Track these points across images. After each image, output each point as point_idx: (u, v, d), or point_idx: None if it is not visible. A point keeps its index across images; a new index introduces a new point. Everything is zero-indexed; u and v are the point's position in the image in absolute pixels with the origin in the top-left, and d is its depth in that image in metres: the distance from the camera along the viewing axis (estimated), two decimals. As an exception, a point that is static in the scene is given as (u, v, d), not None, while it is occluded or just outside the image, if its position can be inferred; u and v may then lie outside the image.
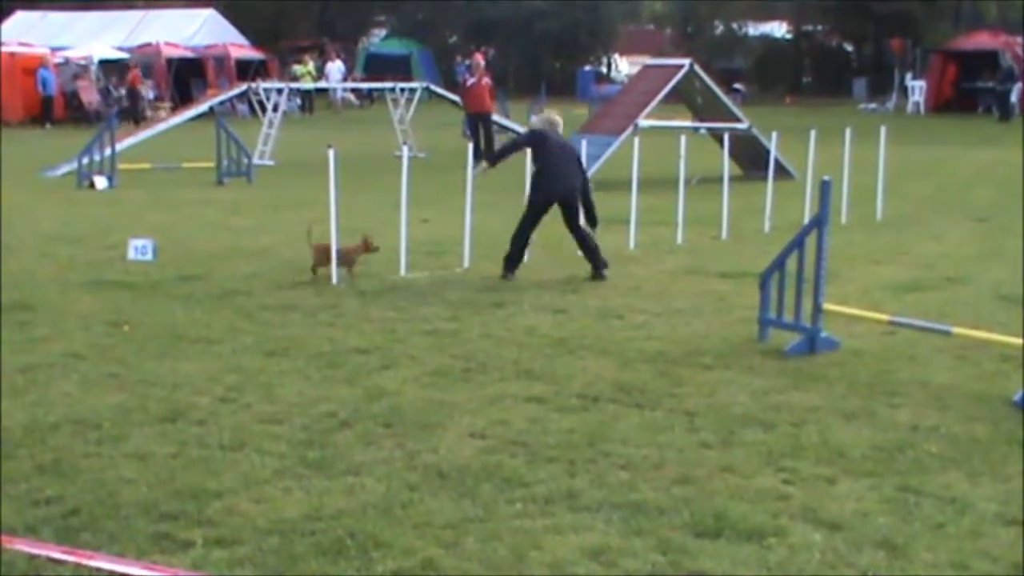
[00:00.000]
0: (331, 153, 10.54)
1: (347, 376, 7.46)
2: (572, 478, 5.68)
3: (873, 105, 43.48)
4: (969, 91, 42.30)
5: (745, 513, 5.23)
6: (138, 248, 11.69)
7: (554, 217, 10.99)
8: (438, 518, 5.16)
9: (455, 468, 5.77)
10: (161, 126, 24.68)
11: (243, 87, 28.48)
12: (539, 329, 8.82)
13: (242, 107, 36.78)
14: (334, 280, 10.43)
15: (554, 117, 11.70)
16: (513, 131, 26.02)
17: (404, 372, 7.56)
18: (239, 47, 45.01)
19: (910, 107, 41.82)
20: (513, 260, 10.98)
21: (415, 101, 25.92)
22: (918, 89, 42.34)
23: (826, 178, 8.18)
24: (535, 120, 12.23)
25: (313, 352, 8.04)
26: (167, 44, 42.30)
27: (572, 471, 5.77)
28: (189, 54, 42.57)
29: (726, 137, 15.03)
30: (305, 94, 40.88)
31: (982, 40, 43.68)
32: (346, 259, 10.62)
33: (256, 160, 21.56)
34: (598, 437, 6.26)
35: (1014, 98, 38.38)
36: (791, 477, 5.70)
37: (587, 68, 54.97)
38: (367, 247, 10.77)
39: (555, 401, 6.94)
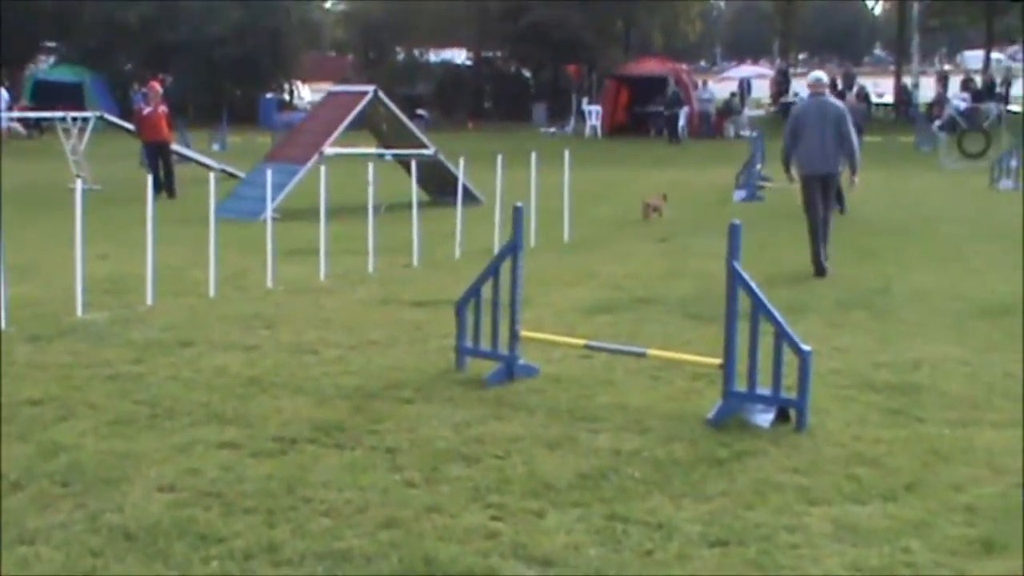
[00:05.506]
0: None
1: (19, 432, 6.82)
2: (272, 529, 5.35)
3: (553, 129, 44.65)
4: (641, 115, 44.05)
5: (455, 555, 5.05)
6: None
7: (236, 244, 10.58)
8: (126, 585, 4.74)
9: (143, 527, 5.34)
10: None
11: None
12: (229, 368, 8.40)
13: None
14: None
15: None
16: (195, 160, 25.24)
17: (83, 423, 7.00)
18: None
19: (588, 131, 43.13)
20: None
21: (88, 131, 24.71)
22: (594, 113, 43.74)
23: (518, 204, 8.16)
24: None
25: (-21, 406, 7.36)
26: None
27: (272, 521, 5.44)
28: None
29: (413, 164, 14.97)
30: (-34, 124, 38.44)
31: (651, 66, 45.65)
32: (648, 210, 17.35)
33: (-89, 195, 19.97)
34: (297, 482, 5.95)
35: (682, 122, 40.23)
36: (499, 513, 5.56)
37: (269, 95, 54.16)
38: (664, 197, 17.86)
39: (250, 445, 6.57)
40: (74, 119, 24.61)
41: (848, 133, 12.39)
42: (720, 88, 51.77)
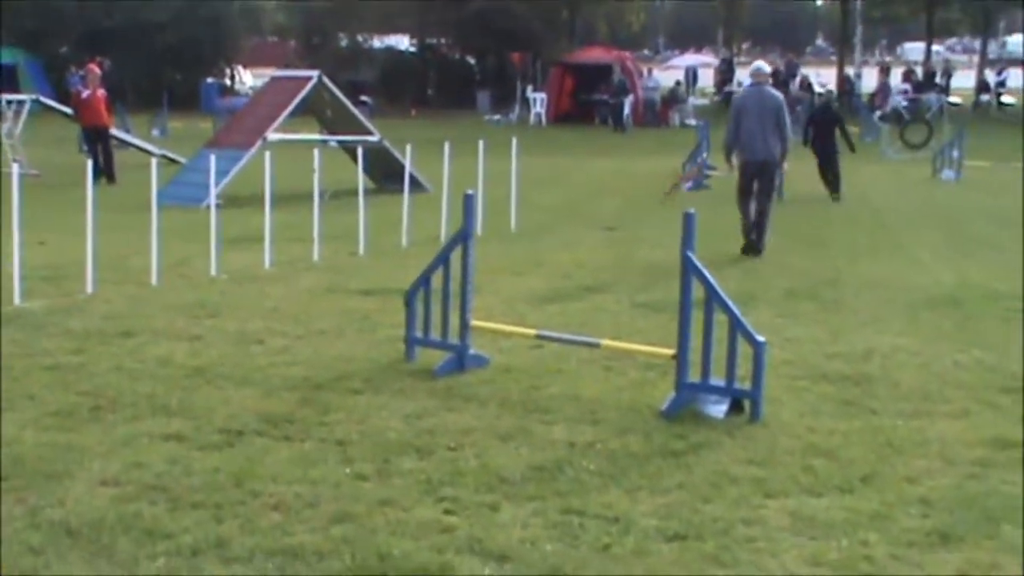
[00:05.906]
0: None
1: (-45, 423, 6.64)
2: (220, 524, 5.20)
3: (497, 116, 44.42)
4: (586, 103, 44.01)
5: (409, 550, 4.93)
6: None
7: (179, 231, 10.37)
8: (69, 584, 4.58)
9: (86, 523, 5.17)
10: None
11: None
12: (174, 359, 8.21)
13: None
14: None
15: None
16: (135, 146, 24.86)
17: (23, 415, 6.80)
18: None
19: (532, 119, 43.01)
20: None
21: (24, 114, 24.23)
22: (539, 101, 43.61)
23: (469, 191, 8.04)
24: None
25: (-86, 398, 7.14)
26: None
27: (219, 516, 5.29)
28: None
29: (360, 151, 14.79)
30: None
31: (597, 55, 45.68)
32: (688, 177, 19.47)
33: None
34: (246, 476, 5.80)
35: (627, 110, 40.24)
36: (453, 506, 5.45)
37: (210, 80, 53.51)
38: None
39: (196, 438, 6.41)
40: (9, 102, 24.12)
41: (784, 122, 13.07)
42: (665, 77, 51.80)
